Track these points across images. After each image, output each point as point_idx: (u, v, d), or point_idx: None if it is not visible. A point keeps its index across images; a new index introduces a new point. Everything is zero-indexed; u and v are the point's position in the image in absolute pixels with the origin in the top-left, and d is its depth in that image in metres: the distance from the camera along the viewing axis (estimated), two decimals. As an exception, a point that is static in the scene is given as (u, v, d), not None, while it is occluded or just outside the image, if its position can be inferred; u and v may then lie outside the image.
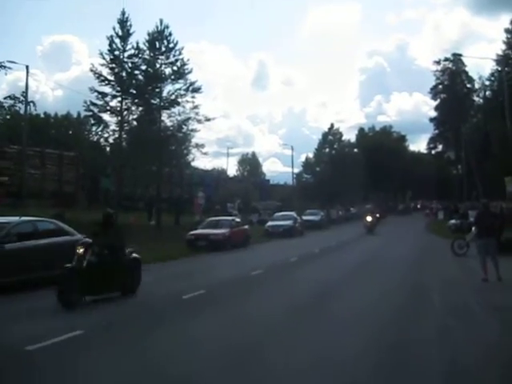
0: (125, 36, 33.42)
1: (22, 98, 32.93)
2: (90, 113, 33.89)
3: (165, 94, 36.05)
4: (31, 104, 36.30)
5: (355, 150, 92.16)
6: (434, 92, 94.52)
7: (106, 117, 33.94)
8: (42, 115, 58.37)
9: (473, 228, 23.71)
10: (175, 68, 35.76)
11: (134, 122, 35.59)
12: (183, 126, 36.52)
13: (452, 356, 8.32)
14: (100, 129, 34.63)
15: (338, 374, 7.39)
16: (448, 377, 7.36)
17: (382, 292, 14.93)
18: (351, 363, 7.91)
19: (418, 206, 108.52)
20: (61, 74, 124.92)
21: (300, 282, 17.18)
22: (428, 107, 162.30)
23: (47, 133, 55.20)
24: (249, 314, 11.95)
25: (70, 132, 59.68)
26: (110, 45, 33.25)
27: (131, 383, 6.94)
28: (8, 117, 48.25)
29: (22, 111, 37.41)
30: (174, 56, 35.54)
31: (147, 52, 35.09)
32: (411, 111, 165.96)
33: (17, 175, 34.29)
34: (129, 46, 33.65)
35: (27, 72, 33.66)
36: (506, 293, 14.41)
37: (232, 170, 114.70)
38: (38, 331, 9.71)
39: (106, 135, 34.87)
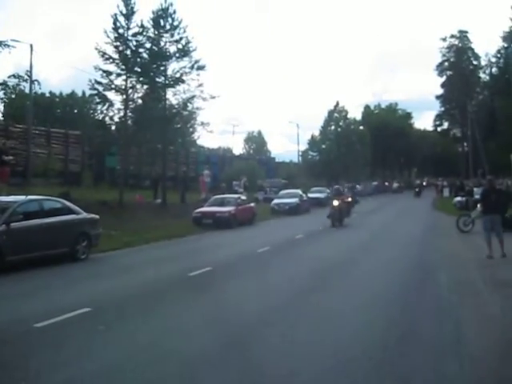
0: (129, 14, 33.15)
1: (26, 77, 33.01)
2: (95, 91, 33.70)
3: (169, 72, 35.88)
4: (35, 82, 36.25)
5: (361, 127, 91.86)
6: (440, 69, 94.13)
7: (111, 95, 33.76)
8: (48, 94, 58.33)
9: (478, 205, 23.91)
10: (180, 46, 35.59)
11: (139, 101, 35.44)
12: (188, 104, 36.45)
13: (454, 330, 8.41)
14: (105, 107, 34.41)
15: (341, 350, 7.47)
16: (448, 347, 7.43)
17: (387, 269, 15.04)
18: (352, 340, 7.99)
19: (424, 184, 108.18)
20: (65, 53, 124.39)
21: (306, 259, 17.23)
22: (434, 84, 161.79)
23: (52, 112, 55.22)
24: (256, 290, 12.05)
25: (75, 111, 59.62)
26: (115, 23, 32.98)
27: (137, 362, 6.99)
28: (13, 96, 48.44)
29: (26, 90, 37.39)
30: (179, 34, 35.34)
31: (151, 30, 34.88)
32: (417, 88, 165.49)
33: (22, 154, 34.34)
34: (133, 24, 33.37)
35: (31, 51, 33.50)
36: (509, 269, 14.44)
37: (238, 148, 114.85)
38: (46, 309, 9.82)
39: (111, 114, 34.67)
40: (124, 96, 33.49)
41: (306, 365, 6.82)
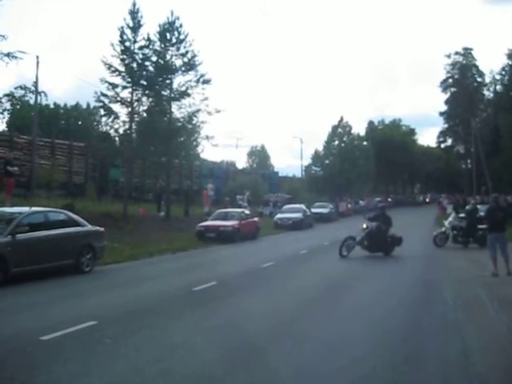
0: (136, 27, 33.24)
1: (32, 88, 33.10)
2: (101, 103, 33.76)
3: (175, 85, 35.95)
4: (42, 94, 36.44)
5: (364, 142, 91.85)
6: (444, 86, 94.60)
7: (116, 108, 33.84)
8: (52, 106, 58.45)
9: (451, 215, 26.68)
10: (186, 59, 35.67)
11: (144, 114, 35.49)
12: (193, 118, 36.49)
13: (462, 348, 8.36)
14: (110, 120, 34.40)
15: (349, 368, 7.41)
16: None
17: (390, 285, 14.99)
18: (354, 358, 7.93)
19: (427, 200, 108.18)
20: (69, 65, 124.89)
21: (311, 274, 17.21)
22: (438, 101, 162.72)
23: (57, 123, 55.28)
24: (260, 306, 11.98)
25: (80, 123, 59.71)
26: (121, 36, 33.11)
27: (144, 376, 6.93)
28: (18, 107, 48.57)
29: (31, 101, 37.47)
30: (185, 47, 35.45)
31: (158, 43, 34.97)
32: (421, 105, 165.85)
33: (26, 165, 34.35)
34: (139, 38, 33.49)
35: (37, 62, 33.59)
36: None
37: (241, 162, 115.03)
38: (52, 321, 9.78)
39: (116, 126, 34.68)
40: (129, 109, 33.53)
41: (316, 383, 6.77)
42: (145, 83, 34.18)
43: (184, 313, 11.06)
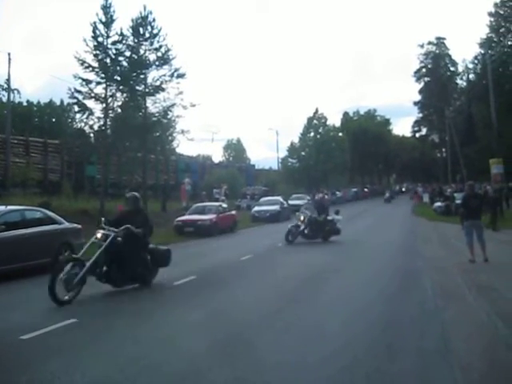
0: (108, 22, 33.02)
1: (5, 86, 32.80)
2: (75, 100, 33.50)
3: (149, 80, 35.95)
4: (15, 92, 36.08)
5: (340, 134, 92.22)
6: (418, 75, 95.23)
7: (90, 104, 33.60)
8: (25, 103, 57.89)
9: (303, 207, 26.50)
10: (159, 54, 35.64)
11: (119, 109, 35.28)
12: (168, 112, 36.41)
13: (441, 334, 8.44)
14: (85, 116, 34.16)
15: (330, 359, 7.45)
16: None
17: (370, 275, 15.08)
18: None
19: (403, 190, 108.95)
20: (42, 61, 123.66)
21: (289, 266, 17.22)
22: (412, 91, 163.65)
23: (30, 121, 54.80)
24: (241, 298, 11.99)
25: (54, 120, 59.18)
26: (94, 31, 32.89)
27: (127, 374, 6.88)
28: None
29: (4, 99, 37.07)
30: (158, 42, 35.43)
31: (131, 38, 34.86)
32: (395, 95, 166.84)
33: (1, 164, 34.02)
34: (112, 33, 33.32)
35: (9, 59, 33.30)
36: (492, 273, 14.56)
37: (217, 155, 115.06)
38: (31, 320, 9.69)
39: (90, 122, 34.43)
40: (104, 104, 33.33)
41: (300, 374, 6.78)
42: (119, 78, 34.03)
43: (165, 308, 11.05)
